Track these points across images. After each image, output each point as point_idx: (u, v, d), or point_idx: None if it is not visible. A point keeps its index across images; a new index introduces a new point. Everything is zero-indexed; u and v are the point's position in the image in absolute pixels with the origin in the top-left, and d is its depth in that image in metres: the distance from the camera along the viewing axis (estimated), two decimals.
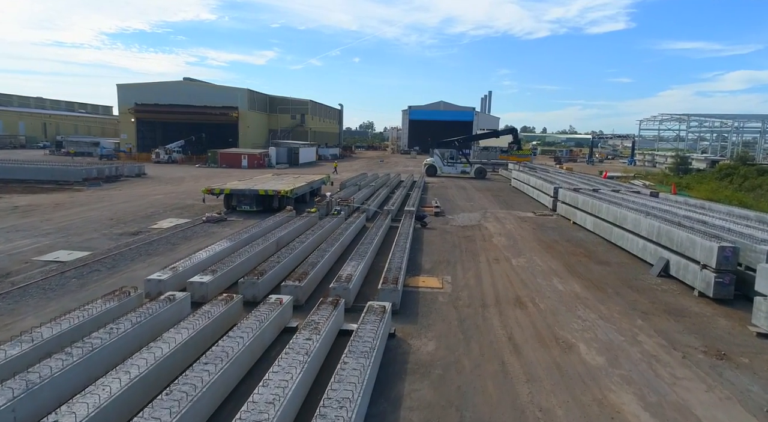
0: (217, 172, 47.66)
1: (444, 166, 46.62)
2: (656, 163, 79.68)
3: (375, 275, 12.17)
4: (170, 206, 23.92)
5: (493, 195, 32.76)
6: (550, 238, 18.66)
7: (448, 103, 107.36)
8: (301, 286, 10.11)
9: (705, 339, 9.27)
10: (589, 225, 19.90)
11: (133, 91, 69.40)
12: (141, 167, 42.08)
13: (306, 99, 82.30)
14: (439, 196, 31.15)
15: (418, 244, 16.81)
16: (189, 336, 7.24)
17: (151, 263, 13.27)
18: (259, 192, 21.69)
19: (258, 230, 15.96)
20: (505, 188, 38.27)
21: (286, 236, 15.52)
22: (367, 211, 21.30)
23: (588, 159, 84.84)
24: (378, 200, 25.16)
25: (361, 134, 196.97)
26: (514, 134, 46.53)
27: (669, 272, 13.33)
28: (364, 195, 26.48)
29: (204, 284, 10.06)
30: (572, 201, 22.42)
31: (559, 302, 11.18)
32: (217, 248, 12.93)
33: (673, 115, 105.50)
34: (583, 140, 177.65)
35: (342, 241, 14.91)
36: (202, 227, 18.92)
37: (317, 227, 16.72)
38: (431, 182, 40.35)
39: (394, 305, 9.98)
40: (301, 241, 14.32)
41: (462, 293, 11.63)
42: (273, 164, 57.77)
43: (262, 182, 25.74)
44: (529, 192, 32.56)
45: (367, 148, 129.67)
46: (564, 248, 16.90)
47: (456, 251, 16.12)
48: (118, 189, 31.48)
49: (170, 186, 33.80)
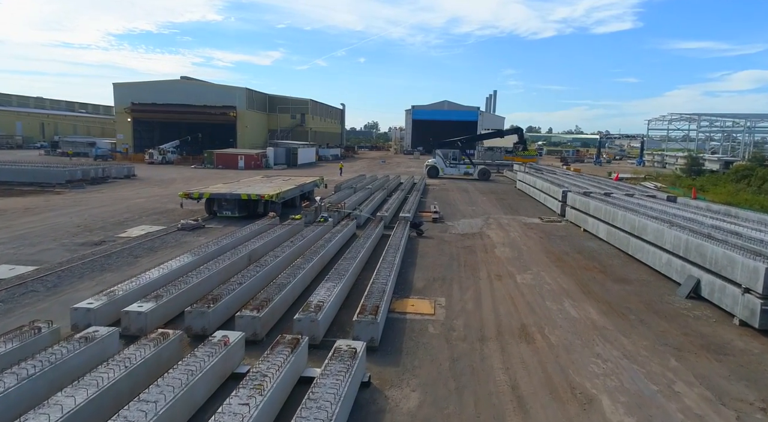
0: (211, 173, 46.01)
1: (446, 167, 44.75)
2: (666, 163, 77.48)
3: (357, 295, 10.37)
4: (148, 211, 22.21)
5: (497, 199, 30.88)
6: (560, 249, 16.79)
7: (452, 103, 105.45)
8: (260, 317, 8.32)
9: (760, 389, 7.40)
10: (603, 234, 18.01)
11: (130, 91, 67.93)
12: (130, 168, 40.47)
13: (306, 98, 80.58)
14: (440, 199, 29.31)
15: (411, 256, 14.99)
16: (88, 398, 5.47)
17: (100, 282, 11.52)
18: (242, 197, 19.94)
19: (230, 241, 14.18)
20: (510, 190, 36.37)
21: (261, 248, 13.73)
22: (358, 217, 19.51)
23: (596, 160, 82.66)
24: (372, 204, 23.35)
25: (366, 135, 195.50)
26: (519, 133, 44.60)
27: (700, 294, 11.46)
28: (358, 199, 24.68)
29: (142, 314, 8.29)
30: (583, 207, 20.54)
31: (574, 334, 9.34)
32: (174, 265, 11.15)
33: (682, 114, 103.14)
34: (590, 140, 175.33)
35: (323, 255, 13.11)
36: (175, 235, 17.18)
37: (299, 237, 14.94)
38: (432, 184, 38.51)
39: (373, 342, 8.19)
40: (275, 255, 12.53)
41: (457, 322, 9.80)
42: (271, 165, 56.11)
43: (249, 185, 24.00)
44: (535, 195, 30.66)
45: (371, 148, 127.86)
46: (575, 262, 15.03)
47: (453, 264, 14.29)
48: (100, 192, 29.83)
49: (157, 188, 32.13)
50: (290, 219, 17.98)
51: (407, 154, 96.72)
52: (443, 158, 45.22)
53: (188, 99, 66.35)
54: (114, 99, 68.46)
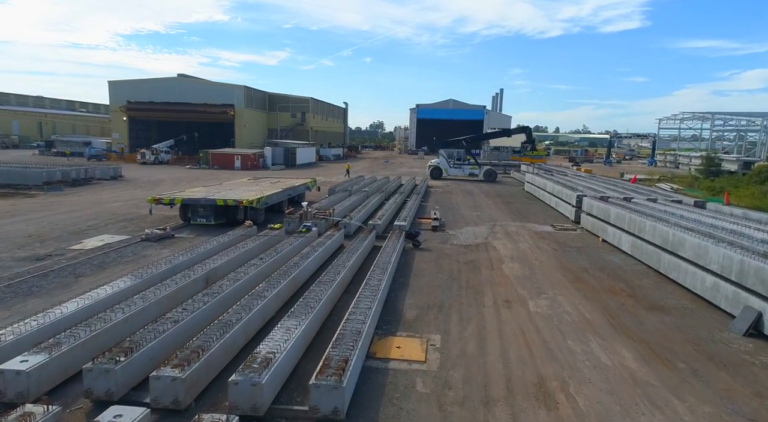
0: (205, 174, 43.96)
1: (450, 168, 42.44)
2: (679, 163, 74.72)
3: (328, 334, 8.14)
4: (118, 217, 20.10)
5: (504, 202, 28.56)
6: (577, 264, 14.49)
7: (458, 102, 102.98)
8: (183, 378, 6.10)
9: None
10: (626, 246, 15.69)
11: (126, 89, 66.04)
12: (117, 169, 38.44)
13: (307, 97, 78.39)
14: (442, 204, 27.04)
15: (404, 274, 12.76)
16: None
17: (17, 312, 9.36)
18: (217, 202, 17.76)
19: (187, 258, 11.97)
20: (517, 193, 34.00)
21: (224, 267, 11.53)
22: (347, 226, 17.30)
23: (605, 160, 79.99)
24: (366, 210, 21.10)
25: (371, 134, 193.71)
26: (527, 132, 42.20)
27: (762, 331, 9.15)
28: (351, 204, 22.46)
29: (22, 374, 6.10)
30: (601, 214, 18.21)
31: (608, 393, 7.08)
32: (101, 294, 8.94)
33: (695, 113, 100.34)
34: (597, 139, 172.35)
35: (295, 276, 10.90)
36: (136, 247, 15.03)
37: (272, 253, 12.73)
38: (435, 187, 36.21)
39: (337, 413, 5.96)
40: (235, 278, 10.32)
41: (455, 374, 7.56)
42: (269, 166, 54.06)
43: (231, 188, 21.84)
44: (545, 199, 28.32)
45: (375, 148, 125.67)
46: (597, 281, 12.74)
47: (453, 286, 12.04)
48: (78, 194, 27.80)
49: (140, 191, 30.05)
50: (268, 229, 15.76)
51: (411, 154, 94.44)
52: (447, 158, 42.93)
53: (186, 97, 64.39)
54: (109, 97, 66.60)
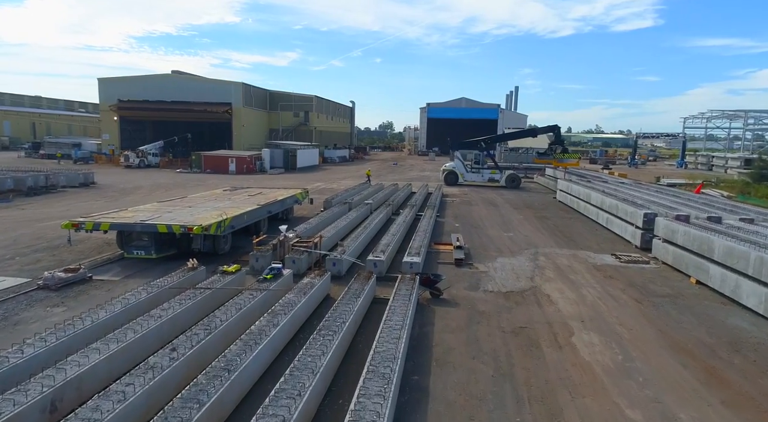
0: (194, 179, 39.29)
1: (467, 172, 37.28)
2: (713, 165, 68.86)
3: None
4: (40, 244, 15.27)
5: (537, 217, 23.38)
6: (690, 336, 9.31)
7: (471, 100, 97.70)
8: None
9: None
10: (752, 301, 10.47)
11: (116, 86, 61.71)
12: (89, 174, 33.73)
13: (310, 95, 73.52)
14: (462, 219, 21.95)
15: (418, 366, 7.71)
16: None
17: None
18: (158, 229, 12.82)
19: (44, 347, 6.93)
20: (549, 203, 28.78)
21: (89, 376, 6.48)
22: (337, 263, 12.31)
23: (631, 161, 74.26)
24: (366, 234, 16.04)
25: (380, 135, 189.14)
26: (555, 132, 36.81)
27: None
28: (348, 225, 17.46)
29: None
30: (695, 245, 12.99)
31: None
32: None
33: (724, 111, 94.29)
34: (611, 139, 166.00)
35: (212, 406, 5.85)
36: (18, 303, 10.12)
37: (196, 334, 7.69)
38: (451, 194, 31.10)
39: None
40: (96, 405, 5.32)
41: None
42: (266, 169, 49.31)
43: (195, 204, 16.94)
44: (588, 213, 23.11)
45: (384, 149, 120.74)
46: (747, 381, 7.59)
47: (506, 396, 6.95)
48: (22, 208, 23.11)
49: (103, 202, 25.29)
50: (219, 273, 10.71)
51: (422, 155, 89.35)
52: (463, 161, 37.79)
53: (181, 95, 59.88)
54: (99, 95, 62.31)
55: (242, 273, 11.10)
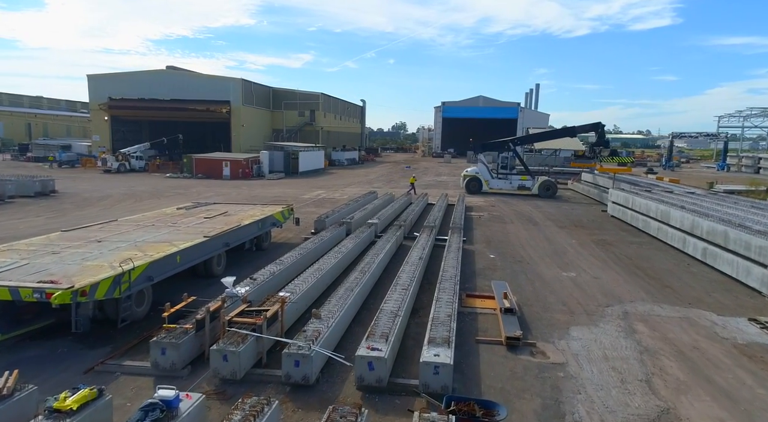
0: (180, 185, 34.21)
1: (492, 179, 31.59)
2: (760, 168, 62.25)
3: None
4: None
5: (595, 242, 17.62)
6: None
7: (489, 99, 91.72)
8: None
9: None
10: None
11: (107, 84, 56.95)
12: (48, 181, 28.75)
13: (317, 92, 68.14)
14: (497, 245, 16.35)
15: None
16: None
17: None
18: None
19: None
20: (600, 218, 22.97)
21: None
22: (302, 361, 6.84)
23: (666, 163, 67.83)
24: (363, 285, 10.48)
25: (393, 135, 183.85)
26: (598, 131, 30.95)
27: None
28: (336, 267, 11.93)
29: None
30: None
31: None
32: None
33: (765, 109, 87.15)
34: (630, 139, 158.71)
35: None
36: None
37: None
38: (475, 206, 25.46)
39: None
40: None
41: None
42: (264, 173, 44.15)
43: (120, 232, 11.59)
44: (662, 235, 17.35)
45: (396, 150, 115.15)
46: None
47: None
48: None
49: (44, 219, 20.19)
50: (45, 412, 5.28)
51: (436, 156, 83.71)
52: (488, 165, 32.13)
53: (175, 93, 54.98)
54: (89, 94, 57.58)
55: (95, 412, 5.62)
